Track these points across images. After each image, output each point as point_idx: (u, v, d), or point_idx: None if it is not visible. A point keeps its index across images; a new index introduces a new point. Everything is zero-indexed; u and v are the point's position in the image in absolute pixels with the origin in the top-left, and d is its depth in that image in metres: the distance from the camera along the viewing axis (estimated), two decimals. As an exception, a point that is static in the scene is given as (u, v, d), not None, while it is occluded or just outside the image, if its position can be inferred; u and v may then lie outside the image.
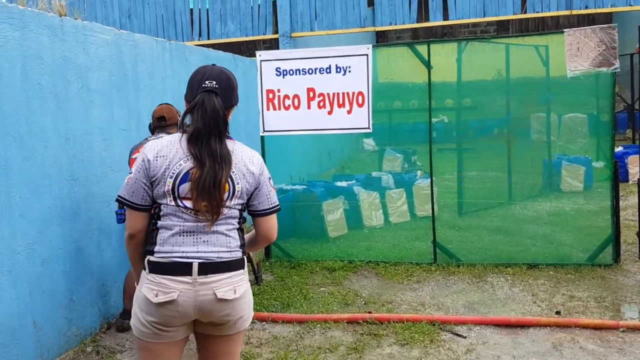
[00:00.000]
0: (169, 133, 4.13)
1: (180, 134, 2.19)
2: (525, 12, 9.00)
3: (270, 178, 2.35)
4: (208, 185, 2.10)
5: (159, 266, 2.14)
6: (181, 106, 5.56)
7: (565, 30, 5.09)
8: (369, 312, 4.45)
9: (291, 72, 5.61)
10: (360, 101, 5.50)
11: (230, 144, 2.21)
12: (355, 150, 12.97)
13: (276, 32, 9.67)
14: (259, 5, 9.69)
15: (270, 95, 5.67)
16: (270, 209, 2.34)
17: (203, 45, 8.47)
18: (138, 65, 4.93)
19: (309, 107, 5.59)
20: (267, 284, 5.25)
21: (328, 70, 5.53)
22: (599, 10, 8.94)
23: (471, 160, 8.36)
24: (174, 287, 2.12)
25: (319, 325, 4.31)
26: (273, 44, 10.39)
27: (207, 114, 2.14)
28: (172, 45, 5.56)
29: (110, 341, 4.20)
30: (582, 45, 5.02)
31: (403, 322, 4.23)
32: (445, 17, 9.31)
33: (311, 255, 6.07)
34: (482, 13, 9.24)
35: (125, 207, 2.20)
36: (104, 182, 4.33)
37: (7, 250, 3.43)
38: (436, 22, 9.25)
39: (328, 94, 5.54)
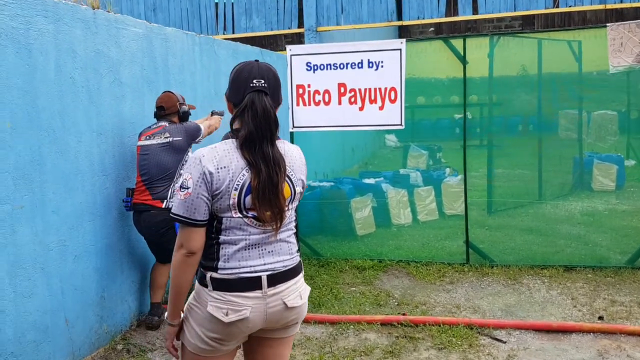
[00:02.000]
0: (171, 121, 4.24)
1: (234, 140, 2.04)
2: (557, 6, 8.77)
3: None
4: (268, 192, 1.99)
5: (226, 283, 2.02)
6: (210, 101, 5.50)
7: (608, 24, 4.90)
8: (404, 314, 4.33)
9: (322, 67, 5.49)
10: (392, 97, 5.36)
11: (280, 145, 2.09)
12: (378, 146, 12.83)
13: (301, 26, 9.55)
14: (284, -1, 9.58)
15: (300, 91, 5.56)
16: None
17: (228, 40, 8.38)
18: (168, 59, 4.85)
19: (339, 103, 5.47)
20: (296, 283, 5.15)
21: (360, 65, 5.40)
22: (634, 5, 8.67)
23: (498, 157, 8.18)
24: (245, 304, 2.00)
25: (352, 326, 4.21)
26: (298, 39, 10.28)
27: (259, 115, 2.00)
28: (201, 39, 5.48)
29: (141, 339, 4.14)
30: (625, 40, 4.83)
31: (439, 325, 4.11)
32: (475, 11, 9.10)
33: (339, 253, 5.96)
34: (512, 7, 9.02)
35: (181, 225, 2.03)
36: (134, 177, 4.26)
37: (41, 247, 3.38)
38: (466, 16, 9.05)
39: (359, 90, 5.41)
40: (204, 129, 4.38)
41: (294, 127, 5.64)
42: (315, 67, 5.52)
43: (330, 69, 5.49)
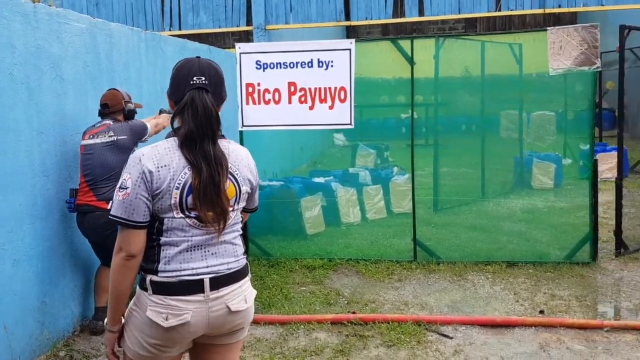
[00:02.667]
0: (116, 120, 4.15)
1: (175, 139, 2.00)
2: (499, 10, 9.05)
3: None
4: (210, 192, 1.94)
5: (166, 287, 1.96)
6: (156, 98, 5.38)
7: (548, 28, 5.10)
8: (353, 312, 4.37)
9: (272, 66, 5.46)
10: (342, 97, 5.40)
11: (224, 144, 2.05)
12: (327, 145, 12.90)
13: (250, 24, 9.48)
14: (232, -4, 9.49)
15: (250, 89, 5.51)
16: (253, 209, 2.26)
17: (174, 36, 8.22)
18: (113, 55, 4.72)
19: (289, 102, 5.45)
20: (246, 283, 5.11)
21: (310, 65, 5.40)
22: (572, 10, 9.06)
23: (443, 156, 8.37)
24: (186, 308, 1.95)
25: (302, 326, 4.21)
26: (246, 37, 10.19)
27: (199, 113, 1.96)
28: (147, 35, 5.35)
29: (85, 345, 4.01)
30: (564, 44, 5.03)
31: (388, 323, 4.17)
32: (421, 13, 9.28)
33: (289, 253, 5.95)
34: (457, 10, 9.25)
35: (120, 226, 1.97)
36: (77, 178, 4.12)
37: (-23, 251, 3.22)
38: (412, 17, 9.21)
39: (309, 89, 5.41)
40: (151, 128, 4.28)
41: (243, 125, 5.59)
42: (265, 66, 5.48)
43: (280, 67, 5.46)
